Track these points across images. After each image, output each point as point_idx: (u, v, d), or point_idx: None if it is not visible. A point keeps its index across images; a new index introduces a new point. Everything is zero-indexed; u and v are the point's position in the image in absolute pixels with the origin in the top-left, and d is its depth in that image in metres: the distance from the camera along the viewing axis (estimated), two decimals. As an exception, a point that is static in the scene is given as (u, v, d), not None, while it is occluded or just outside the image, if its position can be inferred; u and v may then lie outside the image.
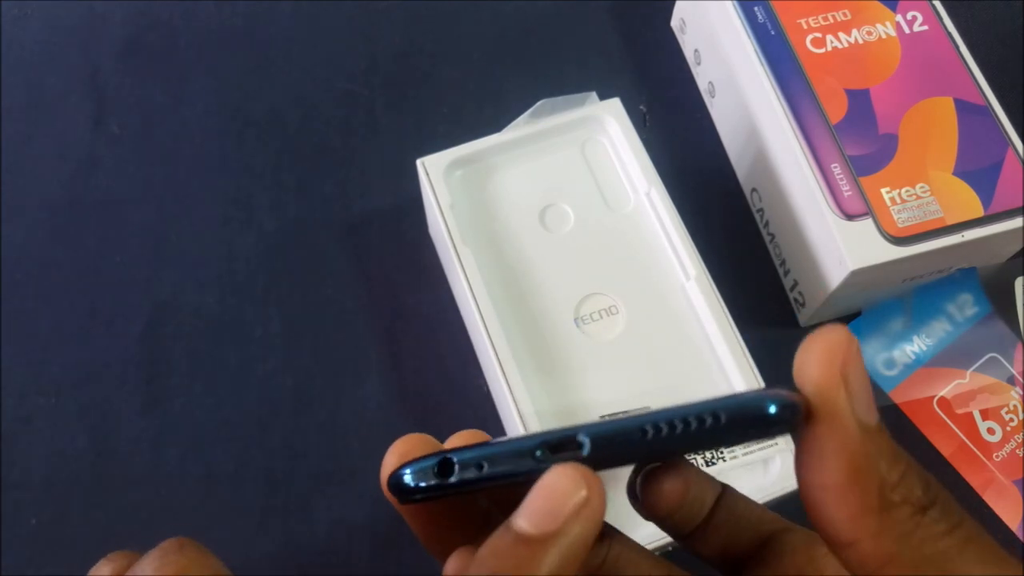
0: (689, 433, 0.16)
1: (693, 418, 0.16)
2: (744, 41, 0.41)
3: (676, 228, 0.37)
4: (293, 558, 0.38)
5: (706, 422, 0.16)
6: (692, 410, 0.17)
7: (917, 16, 0.41)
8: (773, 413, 0.16)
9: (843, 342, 0.17)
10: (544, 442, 0.17)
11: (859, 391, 0.17)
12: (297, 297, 0.43)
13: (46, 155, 0.45)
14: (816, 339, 0.17)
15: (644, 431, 0.16)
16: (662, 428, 0.16)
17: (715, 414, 0.16)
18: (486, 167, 0.39)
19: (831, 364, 0.16)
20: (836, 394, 0.16)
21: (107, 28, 0.49)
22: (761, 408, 0.16)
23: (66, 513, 0.39)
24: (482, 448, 0.18)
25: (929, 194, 0.37)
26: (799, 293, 0.42)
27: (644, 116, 0.47)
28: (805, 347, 0.17)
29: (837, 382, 0.16)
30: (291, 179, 0.45)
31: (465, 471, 0.17)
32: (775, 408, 0.16)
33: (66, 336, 0.42)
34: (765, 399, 0.16)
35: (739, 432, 0.16)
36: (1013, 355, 0.41)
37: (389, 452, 0.20)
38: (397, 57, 0.48)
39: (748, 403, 0.16)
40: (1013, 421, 0.40)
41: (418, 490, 0.18)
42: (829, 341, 0.17)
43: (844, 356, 0.17)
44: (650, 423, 0.17)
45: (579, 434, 0.17)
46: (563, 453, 0.17)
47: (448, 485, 0.18)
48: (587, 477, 0.17)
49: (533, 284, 0.36)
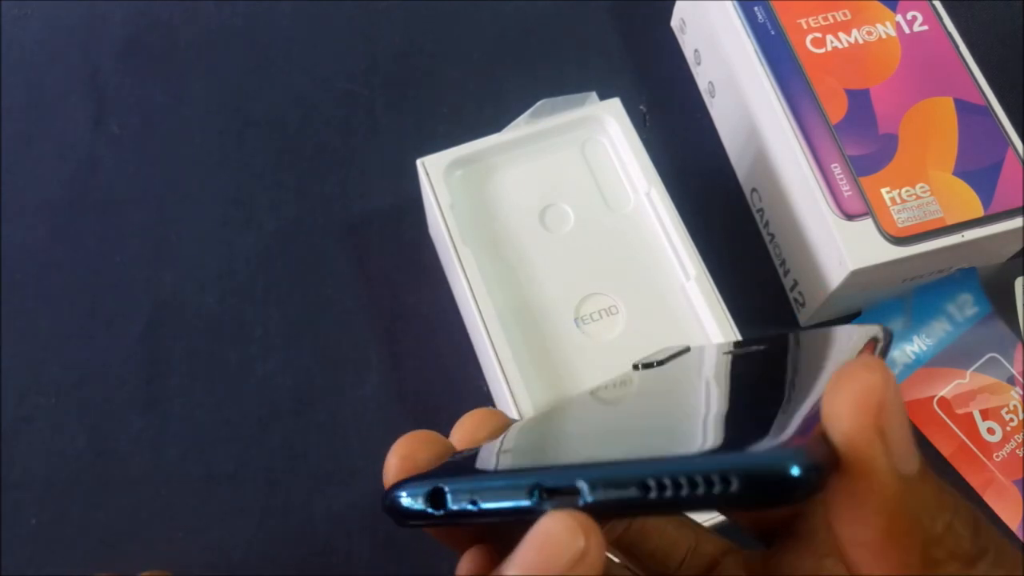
0: (696, 497, 0.15)
1: (702, 479, 0.14)
2: (744, 41, 0.41)
3: (676, 228, 0.37)
4: (293, 558, 0.38)
5: (715, 486, 0.14)
6: (703, 467, 0.15)
7: (917, 16, 0.41)
8: (796, 476, 0.14)
9: (878, 386, 0.14)
10: (539, 483, 0.16)
11: (898, 441, 0.14)
12: (297, 297, 0.43)
13: (46, 155, 0.46)
14: (847, 381, 0.15)
15: (647, 487, 0.15)
16: (666, 487, 0.15)
17: (726, 478, 0.14)
18: (486, 167, 0.39)
19: (865, 414, 0.14)
20: (871, 449, 0.14)
21: (107, 28, 0.49)
22: (781, 470, 0.14)
23: (66, 513, 0.39)
24: (476, 480, 0.17)
25: (929, 194, 0.37)
26: (799, 293, 0.42)
27: (644, 116, 0.47)
28: (834, 389, 0.15)
29: (872, 436, 0.14)
30: (291, 179, 0.45)
31: (457, 503, 0.17)
32: (798, 471, 0.14)
33: (66, 336, 0.42)
34: (786, 459, 0.14)
35: (752, 499, 0.14)
36: (1013, 355, 0.41)
37: (391, 453, 0.19)
38: (397, 57, 0.48)
39: (765, 463, 0.14)
40: (1013, 421, 0.40)
41: (409, 516, 0.17)
42: (862, 384, 0.14)
43: (879, 403, 0.14)
44: (654, 478, 0.15)
45: (577, 480, 0.15)
46: (559, 497, 0.16)
47: (438, 516, 0.17)
48: (585, 526, 0.15)
49: (533, 284, 0.36)
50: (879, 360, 0.15)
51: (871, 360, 0.15)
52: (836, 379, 0.15)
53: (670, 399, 0.21)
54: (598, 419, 0.21)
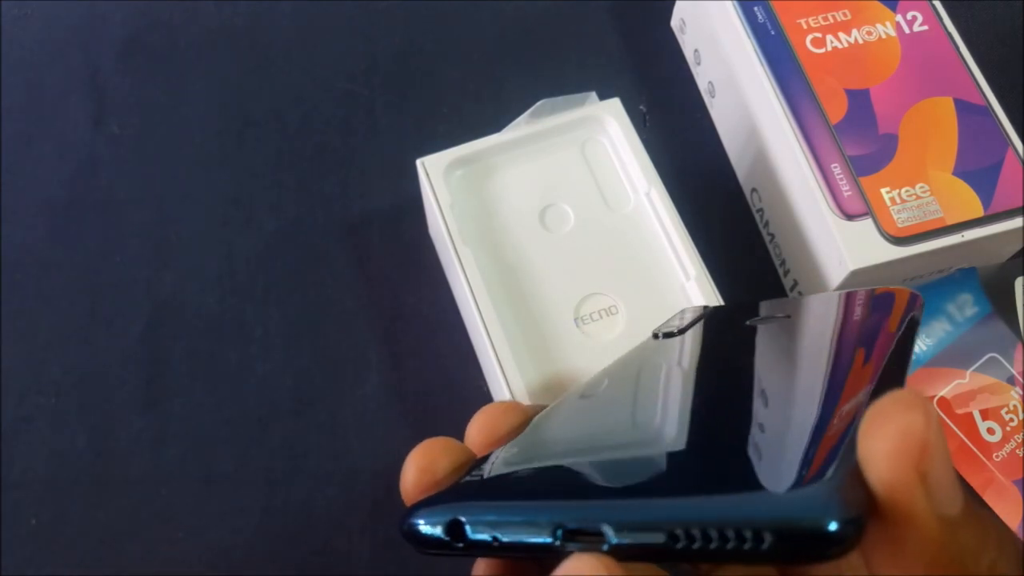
0: (726, 551, 0.14)
1: (733, 533, 0.14)
2: (744, 41, 0.41)
3: (676, 228, 0.37)
4: (293, 558, 0.38)
5: (747, 542, 0.14)
6: (734, 520, 0.14)
7: (917, 16, 0.41)
8: (833, 532, 0.13)
9: (919, 427, 0.13)
10: (562, 524, 0.15)
11: (940, 483, 0.14)
12: (297, 297, 0.43)
13: (46, 155, 0.46)
14: (885, 421, 0.14)
15: (675, 536, 0.14)
16: (695, 538, 0.14)
17: (759, 534, 0.14)
18: (486, 167, 0.39)
19: (905, 459, 0.13)
20: (912, 495, 0.14)
21: (107, 28, 0.49)
22: (818, 526, 0.13)
23: (66, 513, 0.39)
24: (496, 512, 0.16)
25: (929, 194, 0.37)
26: (799, 293, 0.42)
27: (644, 116, 0.47)
28: (871, 430, 0.14)
29: (913, 482, 0.13)
30: (291, 179, 0.45)
31: (476, 535, 0.16)
32: (836, 526, 0.13)
33: (66, 336, 0.42)
34: (824, 514, 0.13)
35: (787, 555, 0.14)
36: (1013, 355, 0.41)
37: (408, 464, 0.18)
38: (397, 57, 0.48)
39: (801, 518, 0.13)
40: (1013, 421, 0.40)
41: (429, 546, 0.17)
42: (902, 426, 0.13)
43: (921, 446, 0.13)
44: (683, 529, 0.14)
45: (602, 525, 0.15)
46: (583, 538, 0.15)
47: (457, 548, 0.17)
48: (610, 569, 0.15)
49: (533, 284, 0.36)
50: (919, 396, 0.14)
51: (910, 397, 0.14)
52: (874, 418, 0.14)
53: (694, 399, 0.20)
54: (621, 427, 0.20)
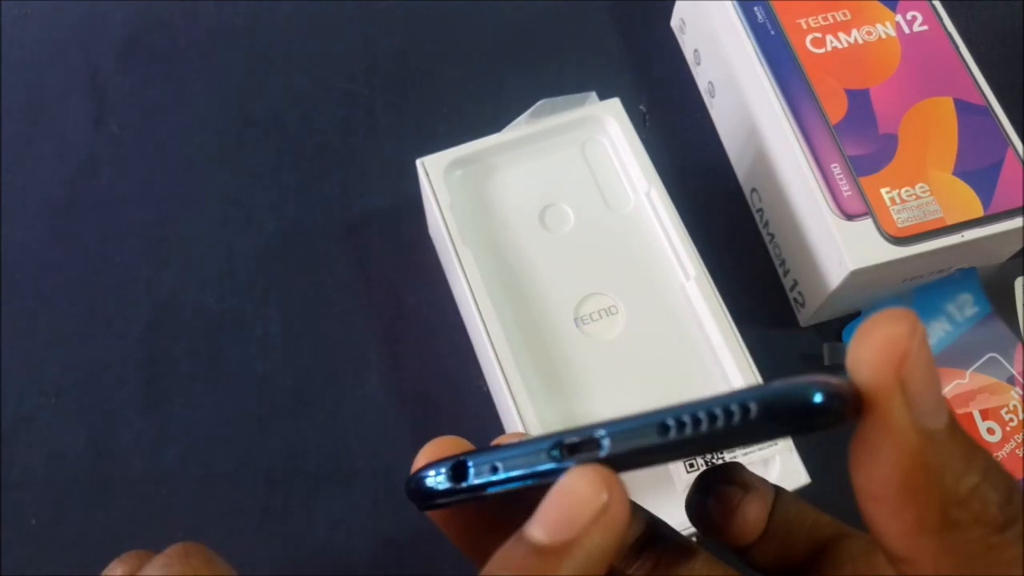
0: (718, 429, 0.14)
1: (721, 411, 0.14)
2: (744, 41, 0.41)
3: (676, 228, 0.37)
4: (293, 558, 0.38)
5: (735, 415, 0.14)
6: (721, 402, 0.14)
7: (917, 16, 0.41)
8: (818, 403, 0.14)
9: (902, 335, 0.14)
10: (559, 441, 0.16)
11: (921, 393, 0.14)
12: (297, 297, 0.43)
13: (46, 155, 0.46)
14: (871, 328, 0.14)
15: (666, 427, 0.15)
16: (685, 423, 0.15)
17: (745, 405, 0.14)
18: (486, 167, 0.39)
19: (886, 362, 0.14)
20: (891, 398, 0.14)
21: (107, 28, 0.49)
22: (804, 397, 0.14)
23: (66, 513, 0.39)
24: (497, 450, 0.17)
25: (929, 194, 0.37)
26: (799, 293, 0.42)
27: (644, 116, 0.47)
28: (858, 336, 0.14)
29: (892, 385, 0.14)
30: (291, 179, 0.45)
31: (479, 474, 0.16)
32: (820, 397, 0.14)
33: (66, 336, 0.42)
34: (808, 387, 0.14)
35: (777, 425, 0.14)
36: (1013, 355, 0.41)
37: (418, 459, 0.18)
38: (397, 57, 0.48)
39: (787, 392, 0.14)
40: (1013, 421, 0.40)
41: (434, 494, 0.17)
42: (886, 333, 0.14)
43: (902, 353, 0.14)
44: (673, 417, 0.15)
45: (596, 431, 0.15)
46: (581, 454, 0.15)
47: (463, 489, 0.17)
48: (607, 479, 0.15)
49: (533, 284, 0.36)
50: (909, 311, 0.14)
51: (900, 311, 0.14)
52: (862, 327, 0.14)
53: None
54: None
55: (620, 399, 0.34)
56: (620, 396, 0.34)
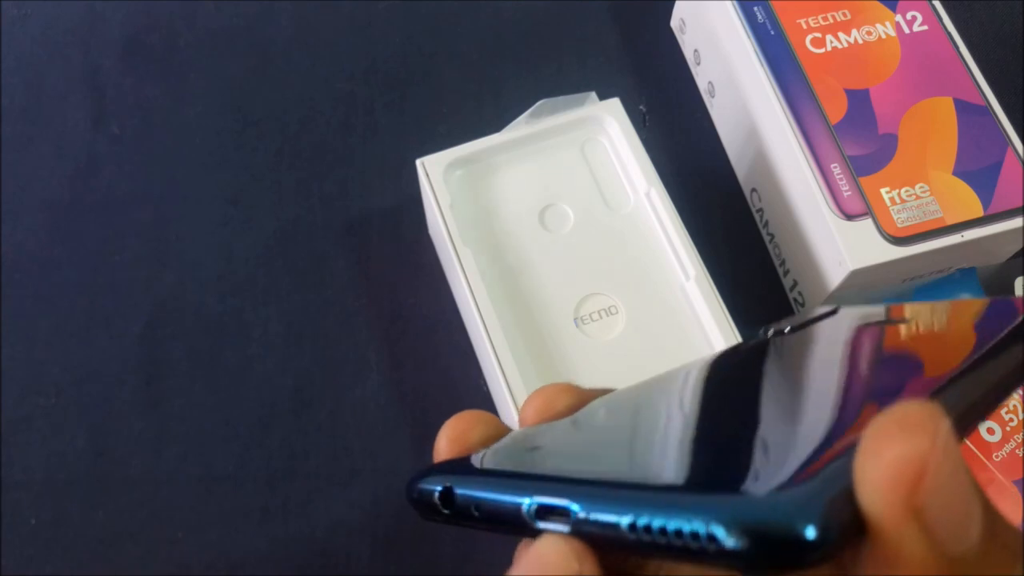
0: (686, 546, 0.13)
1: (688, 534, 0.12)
2: (744, 41, 0.41)
3: (676, 228, 0.37)
4: (293, 558, 0.38)
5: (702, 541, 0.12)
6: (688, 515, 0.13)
7: (917, 16, 0.41)
8: (811, 540, 0.11)
9: (919, 455, 0.11)
10: (534, 501, 0.15)
11: (943, 519, 0.12)
12: (297, 297, 0.43)
13: (46, 155, 0.46)
14: (882, 440, 0.12)
15: (633, 526, 0.13)
16: (652, 530, 0.13)
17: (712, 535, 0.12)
18: (486, 167, 0.39)
19: (896, 491, 0.12)
20: (901, 533, 0.12)
21: (107, 28, 0.49)
22: (791, 531, 0.11)
23: (66, 513, 0.39)
24: (483, 485, 0.16)
25: (929, 194, 0.37)
26: (799, 293, 0.42)
27: (644, 116, 0.47)
28: (868, 449, 0.12)
29: (903, 517, 0.12)
30: (291, 179, 0.45)
31: (462, 505, 0.16)
32: (815, 533, 0.11)
33: (66, 336, 0.42)
34: (797, 518, 0.11)
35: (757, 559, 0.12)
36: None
37: (441, 433, 0.18)
38: (397, 57, 0.48)
39: (773, 520, 0.12)
40: (1013, 421, 0.39)
41: (424, 511, 0.17)
42: (899, 454, 0.12)
43: (917, 475, 0.11)
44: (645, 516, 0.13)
45: (571, 503, 0.14)
46: (554, 519, 0.15)
47: (448, 516, 0.16)
48: (579, 552, 0.14)
49: (533, 284, 0.36)
50: (929, 414, 0.12)
51: (918, 413, 0.12)
52: (872, 436, 0.12)
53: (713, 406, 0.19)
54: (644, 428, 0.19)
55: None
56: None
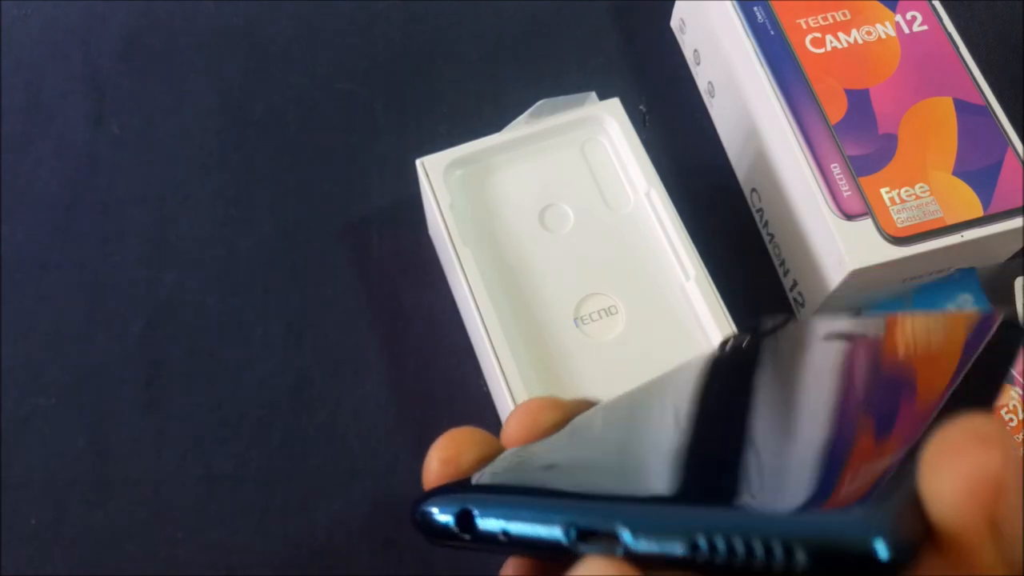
0: (753, 567, 0.12)
1: (760, 546, 0.12)
2: (744, 41, 0.41)
3: (676, 228, 0.37)
4: (293, 558, 0.38)
5: (776, 559, 0.12)
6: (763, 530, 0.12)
7: (917, 16, 0.41)
8: (883, 561, 0.11)
9: (994, 466, 0.12)
10: (574, 523, 0.14)
11: (1017, 534, 0.12)
12: (297, 297, 0.43)
13: (46, 155, 0.46)
14: (955, 457, 0.12)
15: (695, 546, 0.13)
16: (717, 549, 0.13)
17: (791, 550, 0.12)
18: (486, 167, 0.39)
19: (975, 502, 0.12)
20: (980, 542, 0.12)
21: (107, 28, 0.49)
22: (863, 548, 0.11)
23: (66, 513, 0.39)
24: (510, 507, 0.15)
25: (929, 194, 0.37)
26: (799, 293, 0.42)
27: (644, 116, 0.47)
28: (937, 463, 0.12)
29: (982, 528, 0.12)
30: (291, 179, 0.45)
31: (486, 528, 0.15)
32: (886, 552, 0.11)
33: (66, 336, 0.42)
34: (871, 535, 0.11)
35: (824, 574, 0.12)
36: (1013, 355, 0.41)
37: (432, 453, 0.17)
38: (397, 57, 0.48)
39: (846, 537, 0.12)
40: (1013, 421, 0.39)
41: (438, 536, 0.16)
42: (974, 465, 0.12)
43: (995, 489, 0.12)
44: (705, 536, 0.13)
45: (618, 526, 0.14)
46: (596, 541, 0.14)
47: (467, 541, 0.16)
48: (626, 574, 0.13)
49: (533, 284, 0.36)
50: (996, 427, 0.12)
51: (987, 427, 0.12)
52: (942, 449, 0.12)
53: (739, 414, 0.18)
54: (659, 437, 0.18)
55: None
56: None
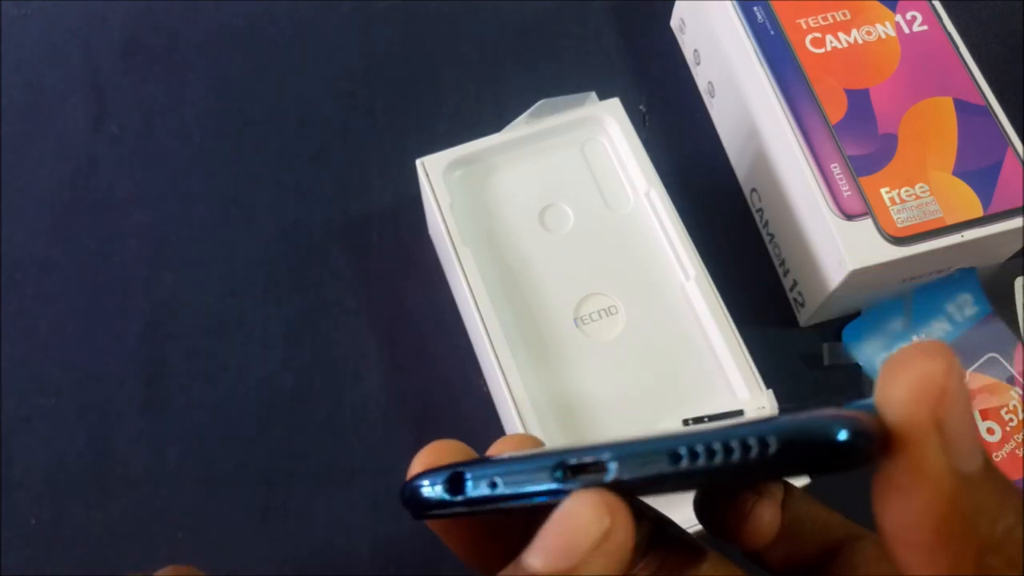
0: (732, 463, 0.13)
1: (737, 443, 0.13)
2: (744, 41, 0.41)
3: (676, 228, 0.37)
4: (293, 558, 0.38)
5: (752, 449, 0.13)
6: (737, 433, 0.14)
7: (917, 16, 0.41)
8: (842, 441, 0.13)
9: (939, 372, 0.13)
10: (562, 461, 0.15)
11: (958, 435, 0.13)
12: (297, 297, 0.43)
13: (46, 155, 0.46)
14: (904, 362, 0.13)
15: (678, 455, 0.14)
16: (698, 454, 0.14)
17: (764, 440, 0.13)
18: (486, 167, 0.39)
19: (922, 403, 0.13)
20: (927, 442, 0.13)
21: (107, 28, 0.49)
22: (827, 434, 0.13)
23: (66, 513, 0.39)
24: (497, 464, 0.16)
25: (929, 194, 0.37)
26: (799, 293, 0.42)
27: (644, 116, 0.47)
28: (889, 372, 0.14)
29: (928, 427, 0.13)
30: (291, 179, 0.45)
31: (476, 488, 0.16)
32: (846, 435, 0.13)
33: (66, 336, 0.42)
34: (832, 423, 0.13)
35: (796, 462, 0.13)
36: (1013, 355, 0.41)
37: (415, 462, 0.18)
38: (397, 57, 0.48)
39: (810, 427, 0.13)
40: (1013, 421, 0.40)
41: (428, 505, 0.16)
42: (921, 370, 0.13)
43: (940, 391, 0.13)
44: (685, 446, 0.14)
45: (602, 454, 0.15)
46: (585, 476, 0.15)
47: (459, 502, 0.16)
48: (611, 505, 0.14)
49: (533, 284, 0.36)
50: (941, 344, 0.13)
51: (932, 344, 0.13)
52: (892, 362, 0.14)
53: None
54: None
55: (620, 399, 0.34)
56: (620, 396, 0.34)
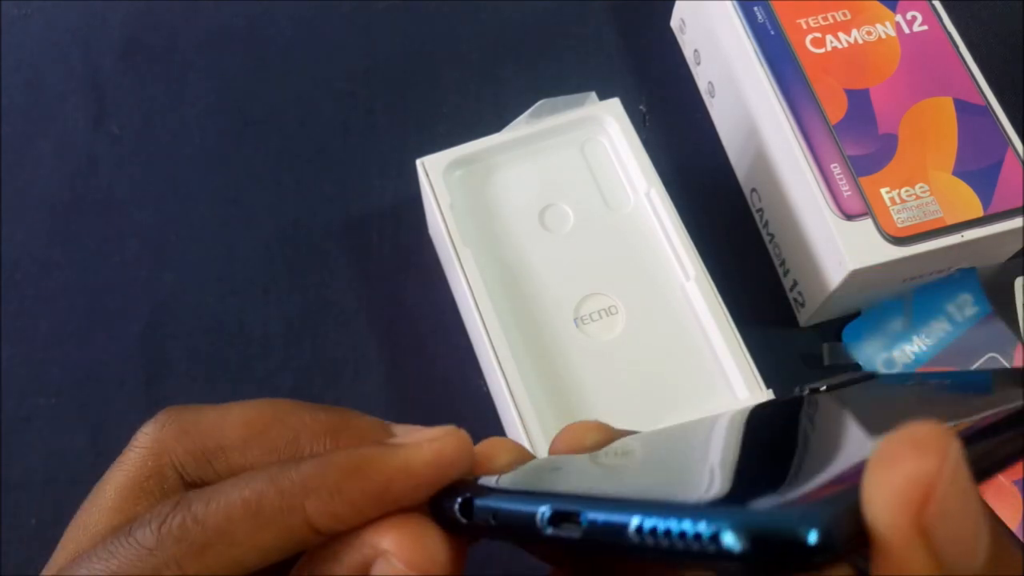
0: (690, 551, 0.13)
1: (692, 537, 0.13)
2: (744, 41, 0.41)
3: (676, 228, 0.37)
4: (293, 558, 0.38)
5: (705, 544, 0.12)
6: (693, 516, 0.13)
7: (917, 16, 0.41)
8: (813, 544, 0.12)
9: (927, 474, 0.12)
10: (548, 507, 0.15)
11: (951, 538, 0.12)
12: (297, 297, 0.43)
13: (46, 155, 0.46)
14: (890, 460, 0.12)
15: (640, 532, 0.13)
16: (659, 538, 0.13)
17: (716, 537, 0.12)
18: (486, 167, 0.39)
19: (904, 511, 0.12)
20: (909, 552, 0.12)
21: (107, 28, 0.49)
22: (794, 535, 0.12)
23: (66, 513, 0.38)
24: (501, 497, 0.17)
25: (929, 194, 0.37)
26: (799, 293, 0.42)
27: (644, 116, 0.47)
28: (874, 469, 0.12)
29: (910, 537, 0.12)
30: (291, 179, 0.45)
31: (480, 515, 0.17)
32: (816, 537, 0.12)
33: (66, 336, 0.42)
34: (802, 522, 0.12)
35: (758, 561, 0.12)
36: (1013, 355, 0.41)
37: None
38: (397, 57, 0.48)
39: (776, 525, 0.12)
40: (1013, 421, 0.39)
41: (444, 521, 0.18)
42: (907, 473, 0.12)
43: (925, 496, 0.12)
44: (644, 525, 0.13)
45: (581, 508, 0.15)
46: (565, 525, 0.15)
47: (465, 526, 0.17)
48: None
49: (533, 284, 0.36)
50: (937, 432, 0.12)
51: (927, 433, 0.12)
52: (880, 456, 0.12)
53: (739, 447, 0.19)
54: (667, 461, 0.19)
55: (620, 399, 0.34)
56: (620, 396, 0.34)
